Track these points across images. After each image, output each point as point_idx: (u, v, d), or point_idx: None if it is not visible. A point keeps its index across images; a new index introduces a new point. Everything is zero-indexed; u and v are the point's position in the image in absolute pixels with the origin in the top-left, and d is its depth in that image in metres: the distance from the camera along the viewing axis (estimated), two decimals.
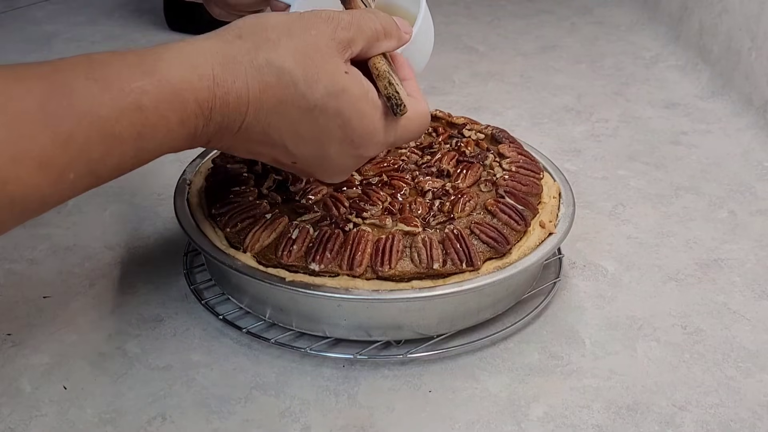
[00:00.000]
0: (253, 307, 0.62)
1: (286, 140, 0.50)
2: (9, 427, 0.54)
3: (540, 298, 0.66)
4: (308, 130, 0.50)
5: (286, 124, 0.49)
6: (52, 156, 0.41)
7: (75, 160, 0.42)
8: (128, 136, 0.43)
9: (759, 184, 0.84)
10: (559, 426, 0.55)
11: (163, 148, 0.46)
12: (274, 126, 0.49)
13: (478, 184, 0.66)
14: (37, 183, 0.40)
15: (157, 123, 0.45)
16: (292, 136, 0.50)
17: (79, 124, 0.41)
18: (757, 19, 0.97)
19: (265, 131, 0.50)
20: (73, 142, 0.41)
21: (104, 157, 0.43)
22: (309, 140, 0.51)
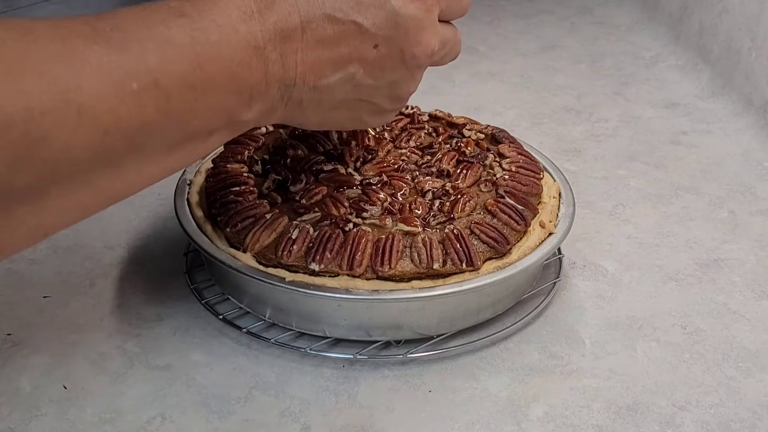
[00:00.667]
0: (253, 307, 0.62)
1: (351, 14, 0.49)
2: (9, 426, 0.54)
3: (540, 298, 0.66)
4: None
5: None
6: (109, 64, 0.39)
7: (133, 69, 0.40)
8: (180, 39, 0.42)
9: (759, 184, 0.84)
10: (559, 426, 0.55)
11: (228, 60, 0.44)
12: (330, 3, 0.48)
13: (478, 184, 0.66)
14: (99, 91, 0.38)
15: (207, 26, 0.43)
16: (352, 4, 0.49)
17: (127, 33, 0.40)
18: (757, 19, 0.97)
19: (327, 14, 0.48)
20: (127, 50, 0.40)
21: (163, 63, 0.41)
22: (368, 2, 0.50)
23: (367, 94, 0.53)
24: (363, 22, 0.50)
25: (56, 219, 0.42)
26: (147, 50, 0.40)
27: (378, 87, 0.53)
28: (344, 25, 0.49)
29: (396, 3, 0.51)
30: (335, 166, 0.67)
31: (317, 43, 0.48)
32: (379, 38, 0.51)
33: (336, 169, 0.67)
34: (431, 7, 0.53)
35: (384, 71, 0.52)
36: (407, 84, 0.55)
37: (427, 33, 0.53)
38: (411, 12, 0.51)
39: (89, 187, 0.40)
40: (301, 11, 0.48)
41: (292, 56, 0.48)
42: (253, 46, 0.45)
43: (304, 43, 0.48)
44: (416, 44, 0.53)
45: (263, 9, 0.46)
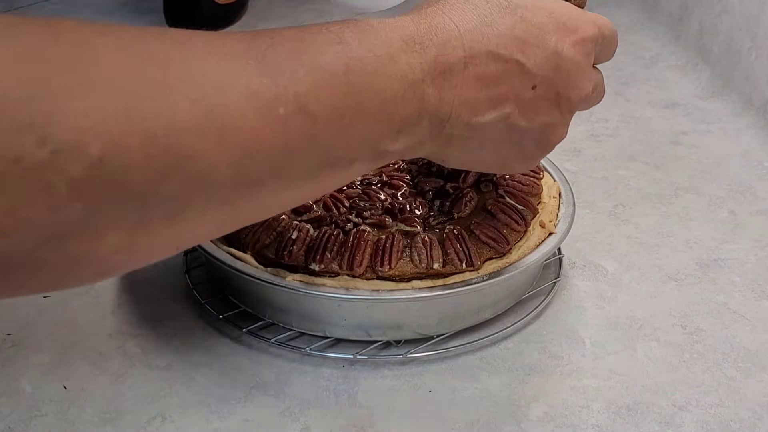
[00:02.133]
0: (253, 307, 0.62)
1: (515, 53, 0.48)
2: (9, 427, 0.54)
3: (540, 298, 0.66)
4: (525, 30, 0.49)
5: (502, 30, 0.48)
6: (259, 86, 0.38)
7: (282, 93, 0.39)
8: (334, 67, 0.41)
9: (759, 184, 0.84)
10: (559, 426, 0.55)
11: (382, 91, 0.43)
12: (495, 40, 0.48)
13: (478, 184, 0.66)
14: (245, 113, 0.37)
15: (364, 56, 0.42)
16: (516, 43, 0.48)
17: (278, 55, 0.40)
18: (757, 19, 0.97)
19: (491, 50, 0.47)
20: (278, 73, 0.39)
21: (313, 89, 0.40)
22: (532, 42, 0.49)
23: (518, 136, 0.52)
24: (525, 61, 0.49)
25: (191, 233, 0.41)
26: (298, 75, 0.40)
27: (530, 129, 0.51)
28: (507, 63, 0.48)
29: (560, 45, 0.50)
30: None
31: (477, 79, 0.47)
32: (539, 79, 0.50)
33: None
34: (591, 51, 0.53)
35: (538, 113, 0.51)
36: (558, 129, 0.54)
37: (584, 77, 0.53)
38: (572, 55, 0.51)
39: (227, 206, 0.40)
40: (466, 45, 0.47)
41: (449, 91, 0.46)
42: (410, 79, 0.44)
43: (463, 78, 0.47)
44: (573, 88, 0.52)
45: (426, 40, 0.45)
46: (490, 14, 0.48)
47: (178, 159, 0.36)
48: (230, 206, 0.40)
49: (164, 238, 0.39)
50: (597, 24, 0.54)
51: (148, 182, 0.35)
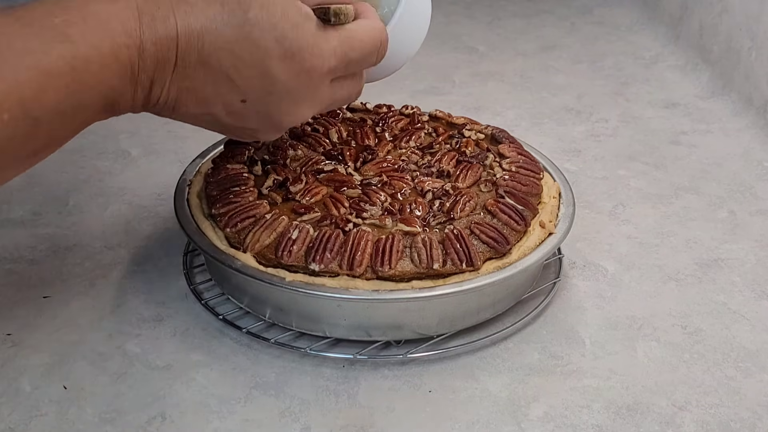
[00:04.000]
0: (253, 307, 0.62)
1: (226, 67, 0.48)
2: (9, 427, 0.54)
3: (540, 298, 0.66)
4: (246, 49, 0.48)
5: (221, 44, 0.48)
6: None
7: (6, 99, 0.40)
8: (60, 69, 0.42)
9: (759, 184, 0.84)
10: (559, 426, 0.55)
11: (104, 86, 0.45)
12: (209, 50, 0.48)
13: (478, 184, 0.66)
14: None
15: (89, 54, 0.43)
16: (231, 59, 0.48)
17: (6, 61, 0.40)
18: (757, 19, 0.97)
19: (203, 59, 0.48)
20: (2, 80, 0.40)
21: (38, 94, 0.41)
22: (250, 62, 0.49)
23: (226, 127, 0.53)
24: (236, 78, 0.49)
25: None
26: (21, 78, 0.41)
27: (237, 127, 0.53)
28: (216, 74, 0.49)
29: (278, 72, 0.49)
30: (335, 166, 0.67)
31: (185, 79, 0.49)
32: (249, 96, 0.50)
33: (336, 169, 0.67)
34: (318, 82, 0.52)
35: (246, 121, 0.52)
36: (267, 134, 0.55)
37: (303, 106, 0.52)
38: (291, 85, 0.50)
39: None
40: (180, 48, 0.47)
41: (159, 85, 0.48)
42: (129, 71, 0.46)
43: (173, 76, 0.48)
44: (287, 114, 0.52)
45: (146, 37, 0.46)
46: (218, 21, 0.48)
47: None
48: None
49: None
50: (339, 52, 0.52)
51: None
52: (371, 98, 0.80)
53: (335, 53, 0.52)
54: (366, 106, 0.77)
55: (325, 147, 0.70)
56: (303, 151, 0.69)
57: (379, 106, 0.77)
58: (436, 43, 1.19)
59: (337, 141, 0.71)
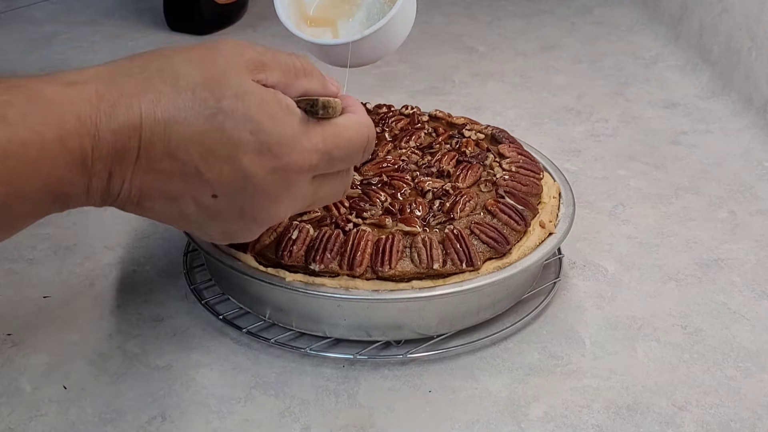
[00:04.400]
0: (253, 307, 0.62)
1: (196, 159, 0.44)
2: (9, 427, 0.54)
3: (540, 298, 0.66)
4: (217, 141, 0.44)
5: (190, 134, 0.43)
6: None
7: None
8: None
9: (759, 184, 0.84)
10: (559, 426, 0.55)
11: (47, 176, 0.40)
12: (176, 141, 0.43)
13: (478, 184, 0.66)
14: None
15: (28, 139, 0.39)
16: (201, 151, 0.44)
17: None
18: (757, 19, 0.97)
19: (170, 151, 0.43)
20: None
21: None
22: (221, 155, 0.44)
23: (196, 226, 0.48)
24: (206, 172, 0.44)
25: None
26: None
27: (210, 227, 0.48)
28: (184, 166, 0.44)
29: (252, 168, 0.45)
30: None
31: (150, 170, 0.44)
32: (220, 192, 0.46)
33: None
34: (295, 180, 0.47)
35: (218, 219, 0.47)
36: (243, 234, 0.50)
37: (279, 205, 0.48)
38: (266, 182, 0.46)
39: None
40: (144, 138, 0.43)
41: (120, 175, 0.43)
42: (80, 163, 0.41)
43: (136, 166, 0.43)
44: (261, 212, 0.48)
45: (104, 123, 0.42)
46: (189, 110, 0.43)
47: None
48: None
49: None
50: (321, 149, 0.47)
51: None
52: (371, 98, 0.80)
53: (317, 150, 0.47)
54: (366, 106, 0.77)
55: None
56: None
57: (379, 106, 0.77)
58: (436, 43, 1.19)
59: None
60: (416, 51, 1.15)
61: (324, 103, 0.48)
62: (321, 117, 0.48)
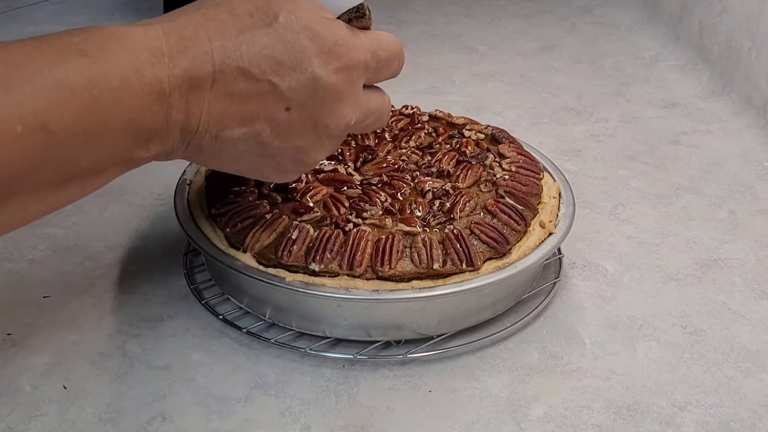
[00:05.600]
0: (253, 307, 0.62)
1: (268, 73, 0.47)
2: (9, 427, 0.54)
3: (540, 298, 0.66)
4: (283, 52, 0.47)
5: (258, 50, 0.46)
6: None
7: (18, 110, 0.38)
8: (76, 83, 0.40)
9: (759, 184, 0.84)
10: (559, 426, 0.55)
11: (128, 106, 0.42)
12: (248, 58, 0.46)
13: (478, 184, 0.66)
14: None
15: (107, 69, 0.41)
16: (271, 64, 0.47)
17: (20, 73, 0.38)
18: (757, 19, 0.97)
19: (243, 69, 0.46)
20: (14, 90, 0.38)
21: (54, 106, 0.39)
22: (290, 64, 0.47)
23: (270, 153, 0.51)
24: (279, 83, 0.47)
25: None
26: (37, 91, 0.39)
27: (284, 149, 0.51)
28: (258, 83, 0.47)
29: (318, 70, 0.48)
30: (335, 166, 0.67)
31: (226, 95, 0.46)
32: (293, 102, 0.48)
33: (336, 169, 0.67)
34: (356, 78, 0.51)
35: (292, 135, 0.50)
36: (315, 151, 0.53)
37: (345, 105, 0.51)
38: (332, 81, 0.49)
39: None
40: (216, 61, 0.45)
41: (197, 105, 0.46)
42: (157, 91, 0.43)
43: (212, 93, 0.46)
44: (331, 115, 0.50)
45: (175, 53, 0.44)
46: (250, 30, 0.46)
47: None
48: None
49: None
50: (370, 48, 0.52)
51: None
52: None
53: (367, 48, 0.51)
54: None
55: None
56: None
57: None
58: (436, 43, 1.19)
59: None
60: (416, 51, 1.15)
61: (367, 6, 0.52)
62: (361, 25, 0.52)
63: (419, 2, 1.35)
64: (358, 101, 0.52)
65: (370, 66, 0.52)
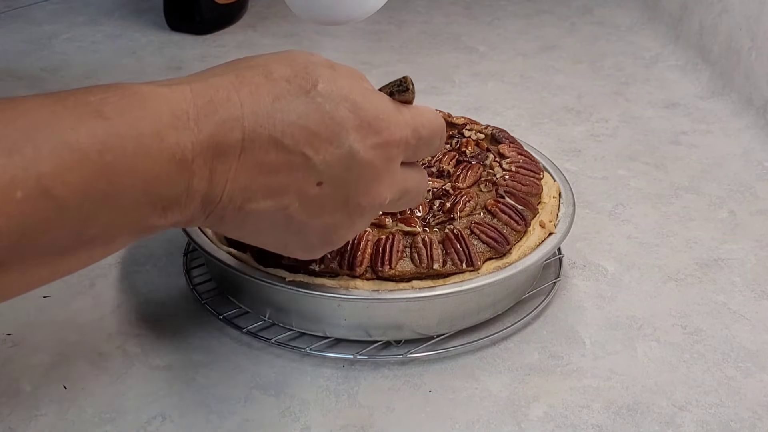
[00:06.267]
0: (253, 307, 0.62)
1: (301, 144, 0.43)
2: (9, 427, 0.54)
3: (540, 298, 0.66)
4: (320, 122, 0.44)
5: (293, 119, 0.43)
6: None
7: (21, 174, 0.35)
8: (88, 146, 0.37)
9: (759, 184, 0.84)
10: (559, 426, 0.55)
11: (145, 173, 0.39)
12: (281, 128, 0.43)
13: (478, 184, 0.66)
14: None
15: (125, 133, 0.38)
16: (306, 135, 0.43)
17: (27, 135, 0.35)
18: (757, 19, 0.97)
19: (275, 138, 0.42)
20: (17, 153, 0.35)
21: (60, 171, 0.36)
22: (325, 137, 0.44)
23: (296, 228, 0.47)
24: (313, 156, 0.44)
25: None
26: (42, 154, 0.35)
27: (311, 225, 0.47)
28: (291, 154, 0.43)
29: (356, 145, 0.45)
30: None
31: (255, 165, 0.43)
32: (326, 177, 0.45)
33: None
34: (394, 156, 0.48)
35: (322, 212, 0.47)
36: (345, 230, 0.49)
37: (381, 184, 0.48)
38: (369, 158, 0.46)
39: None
40: (247, 128, 0.42)
41: (222, 174, 0.42)
42: (179, 158, 0.40)
43: (240, 162, 0.42)
44: (365, 194, 0.47)
45: (202, 116, 0.41)
46: (286, 96, 0.43)
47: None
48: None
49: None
50: (411, 125, 0.49)
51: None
52: None
53: (408, 125, 0.48)
54: None
55: None
56: None
57: None
58: (436, 43, 1.19)
59: None
60: (416, 51, 1.15)
61: (411, 80, 0.50)
62: (404, 99, 0.50)
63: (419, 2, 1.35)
64: (395, 180, 0.49)
65: (411, 143, 0.49)
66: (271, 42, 1.17)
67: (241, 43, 1.16)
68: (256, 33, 1.20)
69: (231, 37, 1.18)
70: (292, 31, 1.20)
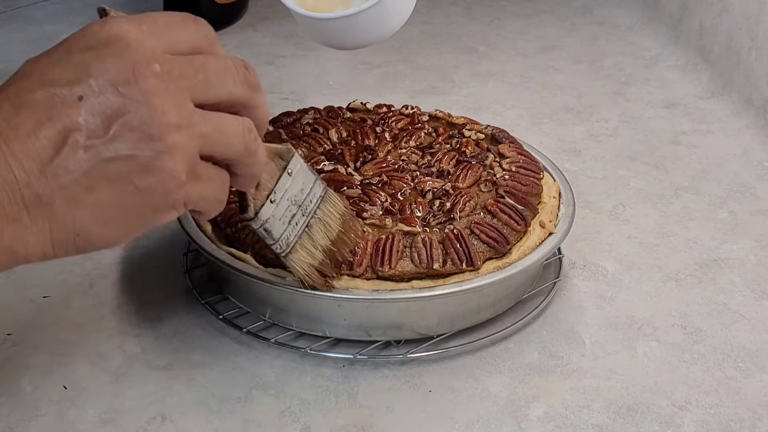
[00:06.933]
0: (253, 307, 0.62)
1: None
2: (9, 427, 0.54)
3: (540, 298, 0.66)
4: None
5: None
6: None
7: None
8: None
9: (759, 184, 0.84)
10: (559, 426, 0.55)
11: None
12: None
13: (478, 184, 0.66)
14: None
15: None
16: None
17: None
18: (757, 19, 0.97)
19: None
20: None
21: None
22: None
23: (113, 173, 0.41)
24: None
25: None
26: None
27: (118, 158, 0.41)
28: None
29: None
30: (335, 166, 0.67)
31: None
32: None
33: (336, 169, 0.67)
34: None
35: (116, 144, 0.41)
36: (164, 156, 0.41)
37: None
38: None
39: None
40: None
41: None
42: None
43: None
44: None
45: None
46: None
47: None
48: None
49: None
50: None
51: None
52: (371, 98, 0.80)
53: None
54: (366, 106, 0.77)
55: (325, 147, 0.70)
56: (303, 151, 0.69)
57: (379, 106, 0.77)
58: (436, 43, 1.19)
59: (337, 141, 0.71)
60: (416, 51, 1.15)
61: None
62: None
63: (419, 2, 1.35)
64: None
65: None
66: (271, 42, 1.17)
67: (241, 43, 1.16)
68: (256, 33, 1.20)
69: (231, 37, 1.18)
70: (292, 31, 1.20)
